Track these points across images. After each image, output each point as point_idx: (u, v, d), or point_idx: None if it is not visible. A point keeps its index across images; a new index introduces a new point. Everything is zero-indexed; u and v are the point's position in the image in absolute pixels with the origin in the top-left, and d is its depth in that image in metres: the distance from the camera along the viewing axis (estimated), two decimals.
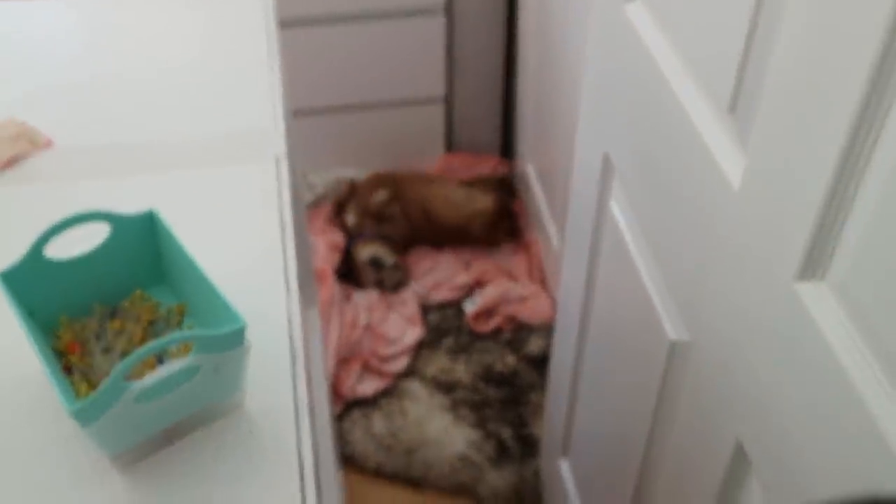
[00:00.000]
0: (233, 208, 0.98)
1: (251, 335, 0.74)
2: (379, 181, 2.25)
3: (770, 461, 0.72)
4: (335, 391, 1.96)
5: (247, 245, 0.93)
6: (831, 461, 0.62)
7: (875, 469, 0.56)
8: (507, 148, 2.44)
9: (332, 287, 2.13)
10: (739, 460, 0.80)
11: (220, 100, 1.13)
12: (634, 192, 1.03)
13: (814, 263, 0.64)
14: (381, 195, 2.20)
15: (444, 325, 2.08)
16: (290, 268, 0.91)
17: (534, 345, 2.02)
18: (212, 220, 0.95)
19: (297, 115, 1.48)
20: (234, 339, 0.72)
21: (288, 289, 0.89)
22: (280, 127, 1.08)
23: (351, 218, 2.21)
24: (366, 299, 2.12)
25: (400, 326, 2.07)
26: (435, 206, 2.19)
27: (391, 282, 2.13)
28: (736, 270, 0.76)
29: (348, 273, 2.18)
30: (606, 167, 1.12)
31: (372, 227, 2.19)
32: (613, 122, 1.07)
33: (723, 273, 0.79)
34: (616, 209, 1.11)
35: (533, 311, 2.08)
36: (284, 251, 0.93)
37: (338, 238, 2.24)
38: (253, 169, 1.02)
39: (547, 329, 2.03)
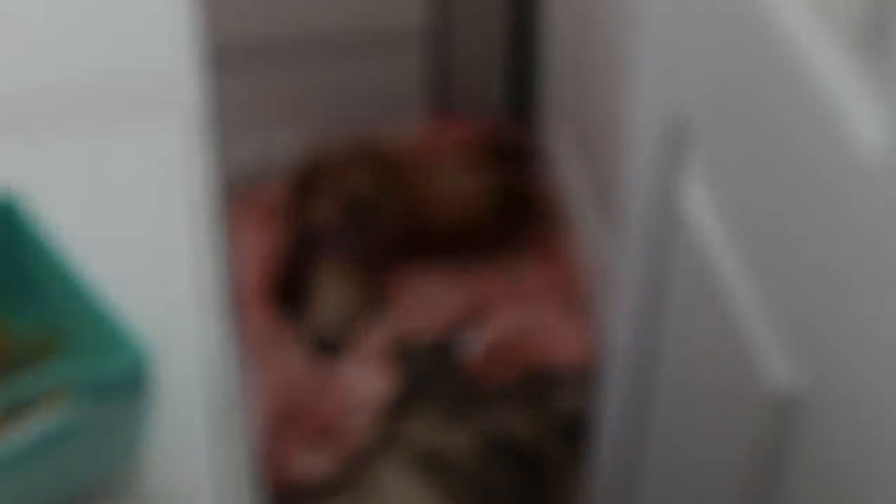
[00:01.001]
0: (125, 191, 1.00)
1: (154, 378, 0.76)
2: (359, 159, 2.27)
3: None
4: (269, 470, 1.97)
5: (145, 245, 0.95)
6: None
7: None
8: (521, 105, 2.43)
9: (263, 315, 2.14)
10: None
11: (109, 35, 1.15)
12: (721, 170, 1.04)
13: None
14: (363, 180, 2.21)
15: (430, 371, 2.10)
16: (208, 280, 0.94)
17: (564, 401, 2.05)
18: (95, 208, 0.97)
19: (218, 56, 1.50)
20: (130, 382, 0.74)
21: (205, 311, 0.91)
22: (193, 73, 1.10)
23: (323, 204, 2.21)
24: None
25: (365, 374, 2.09)
26: (430, 201, 2.23)
27: (352, 328, 2.15)
28: (873, 282, 0.77)
29: (289, 293, 2.19)
30: (679, 135, 1.12)
31: (345, 226, 2.21)
32: (690, 67, 1.07)
33: (854, 288, 0.80)
34: (693, 197, 1.11)
35: (562, 350, 2.10)
36: (200, 255, 0.95)
37: (275, 240, 2.26)
38: (154, 133, 1.04)
39: (583, 378, 2.05)
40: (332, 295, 2.17)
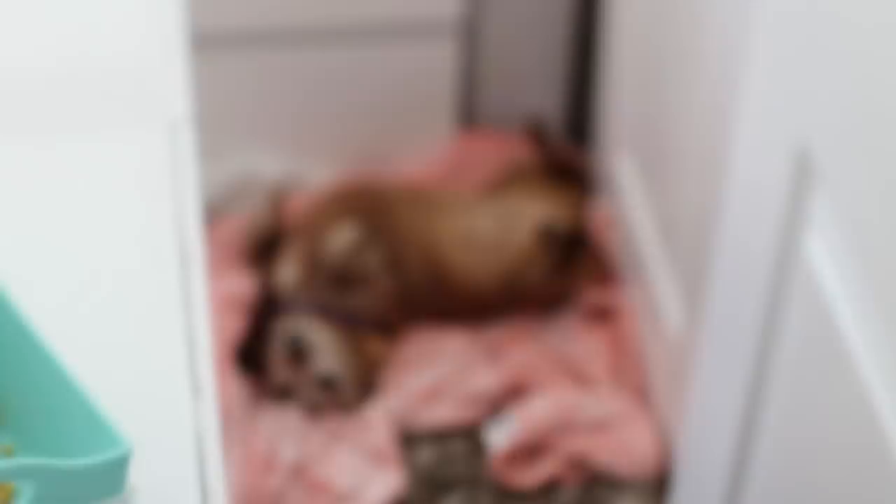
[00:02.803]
0: (93, 217, 1.00)
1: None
2: (343, 203, 2.29)
3: None
4: None
5: (120, 291, 0.96)
6: None
7: None
8: (578, 127, 2.43)
9: (230, 385, 2.13)
10: None
11: (74, 19, 1.17)
12: (855, 220, 1.03)
13: None
14: (345, 235, 2.22)
15: (447, 471, 2.08)
16: (200, 339, 0.95)
17: None
18: (55, 245, 0.97)
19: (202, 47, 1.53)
20: (106, 479, 0.74)
21: (197, 391, 0.92)
22: (177, 65, 1.13)
23: (287, 271, 2.23)
24: (292, 414, 2.13)
25: (358, 471, 2.06)
26: (451, 256, 2.23)
27: (341, 399, 2.16)
28: None
29: (257, 358, 2.19)
30: (802, 174, 1.12)
31: (326, 294, 2.21)
32: (816, 89, 1.07)
33: None
34: (817, 252, 1.11)
35: (621, 448, 2.07)
36: (188, 305, 0.96)
37: (247, 286, 2.26)
38: (127, 142, 1.06)
39: (652, 487, 2.02)
40: (329, 355, 2.17)
